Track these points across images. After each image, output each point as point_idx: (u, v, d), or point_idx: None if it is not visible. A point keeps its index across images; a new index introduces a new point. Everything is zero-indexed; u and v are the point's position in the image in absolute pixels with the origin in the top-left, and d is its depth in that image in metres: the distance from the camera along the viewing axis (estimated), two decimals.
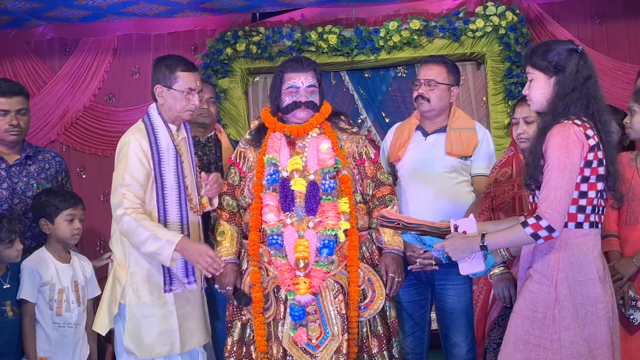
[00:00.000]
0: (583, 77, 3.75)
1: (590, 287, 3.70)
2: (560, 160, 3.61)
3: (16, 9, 7.39)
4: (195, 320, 4.58)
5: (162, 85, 4.53)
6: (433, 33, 7.76)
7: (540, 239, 3.61)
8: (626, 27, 7.91)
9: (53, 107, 7.98)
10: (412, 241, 4.11)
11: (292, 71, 4.62)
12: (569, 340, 3.67)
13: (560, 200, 3.59)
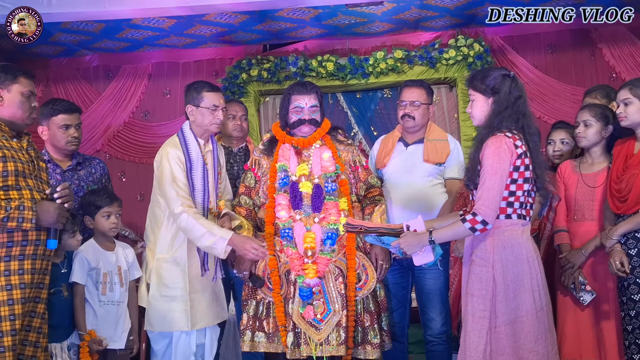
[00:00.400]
0: (514, 97, 3.83)
1: (519, 266, 3.77)
2: (493, 166, 3.69)
3: (68, 41, 7.42)
4: (206, 303, 4.59)
5: (192, 105, 4.59)
6: (413, 61, 7.73)
7: (477, 232, 3.72)
8: (573, 56, 7.87)
9: (98, 122, 7.96)
10: (374, 242, 4.18)
11: (298, 93, 4.66)
12: (502, 311, 3.75)
13: (493, 199, 3.68)
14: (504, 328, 3.73)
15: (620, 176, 4.44)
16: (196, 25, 7.16)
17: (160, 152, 4.59)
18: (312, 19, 7.10)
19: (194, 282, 4.53)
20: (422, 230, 3.95)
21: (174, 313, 4.48)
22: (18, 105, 3.86)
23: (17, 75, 3.87)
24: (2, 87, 3.83)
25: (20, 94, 3.87)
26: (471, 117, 3.99)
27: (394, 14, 7.11)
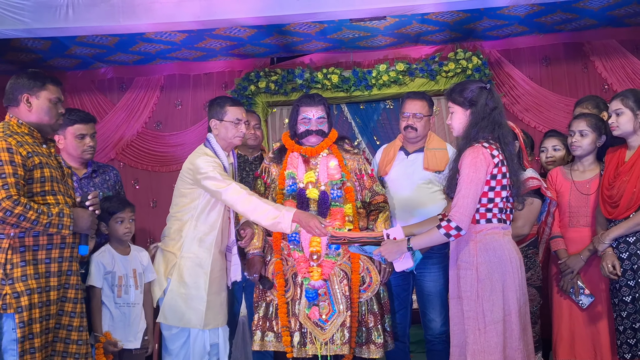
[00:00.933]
0: (490, 108, 3.86)
1: (502, 266, 3.80)
2: (469, 175, 3.73)
3: (83, 54, 7.46)
4: (218, 306, 4.61)
5: (216, 119, 4.60)
6: (414, 73, 7.77)
7: (452, 237, 3.76)
8: (567, 69, 7.90)
9: (113, 132, 8.00)
10: (357, 251, 4.26)
11: (306, 105, 4.71)
12: (489, 310, 3.77)
13: (467, 206, 3.73)
14: (493, 327, 3.75)
15: (612, 182, 4.47)
16: (206, 39, 7.20)
17: (193, 157, 4.55)
18: (318, 33, 7.14)
19: (213, 284, 4.55)
20: (401, 238, 4.01)
21: (190, 311, 4.50)
22: (46, 112, 3.85)
23: (45, 82, 3.86)
24: (31, 94, 3.82)
25: (48, 101, 3.86)
26: (451, 129, 4.03)
27: (396, 28, 7.15)
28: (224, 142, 4.61)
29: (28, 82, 3.84)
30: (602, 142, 4.71)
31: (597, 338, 4.57)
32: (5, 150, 3.64)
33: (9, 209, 3.56)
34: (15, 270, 3.65)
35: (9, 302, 3.61)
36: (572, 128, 4.74)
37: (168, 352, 4.62)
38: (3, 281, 3.62)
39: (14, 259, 3.67)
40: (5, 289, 3.62)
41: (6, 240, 3.67)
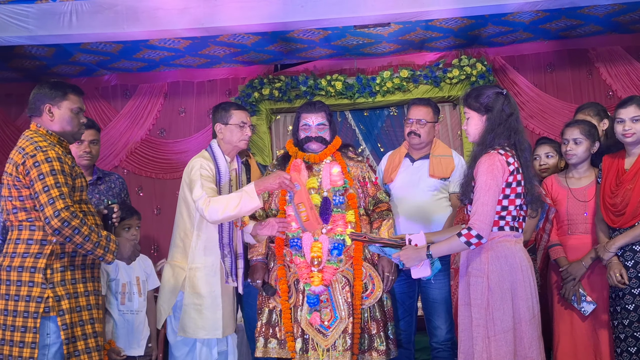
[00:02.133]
0: (507, 114, 3.84)
1: (514, 275, 3.78)
2: (486, 182, 3.71)
3: (87, 61, 7.48)
4: (228, 311, 4.59)
5: (221, 123, 4.61)
6: (418, 80, 7.77)
7: (472, 245, 3.73)
8: (571, 75, 7.90)
9: (117, 139, 8.00)
10: (376, 251, 4.24)
11: (306, 112, 4.73)
12: (499, 318, 3.75)
13: (487, 214, 3.70)
14: (503, 335, 3.74)
15: (615, 191, 4.47)
16: (210, 46, 7.21)
17: (191, 163, 4.56)
18: (322, 39, 7.15)
19: (224, 292, 4.54)
20: (422, 245, 3.98)
21: (208, 321, 4.47)
22: (68, 122, 3.86)
23: (67, 92, 3.86)
24: (53, 104, 3.82)
25: (70, 111, 3.86)
26: (467, 134, 4.01)
27: (400, 34, 7.15)
28: (229, 146, 4.62)
29: (50, 92, 3.86)
30: (596, 149, 4.71)
31: (598, 346, 4.56)
32: (56, 159, 3.68)
33: (67, 220, 3.59)
34: (55, 275, 3.69)
35: (51, 305, 3.64)
36: (565, 136, 4.72)
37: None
38: (44, 285, 3.65)
39: (55, 264, 3.71)
40: (47, 292, 3.64)
41: (48, 246, 3.70)
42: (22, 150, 3.72)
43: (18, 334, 3.63)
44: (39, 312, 3.62)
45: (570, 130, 4.69)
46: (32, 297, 3.64)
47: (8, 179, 3.73)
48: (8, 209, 3.76)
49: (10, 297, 3.66)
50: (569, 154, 4.68)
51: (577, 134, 4.65)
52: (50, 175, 3.63)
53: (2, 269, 3.72)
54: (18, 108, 8.16)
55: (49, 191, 3.60)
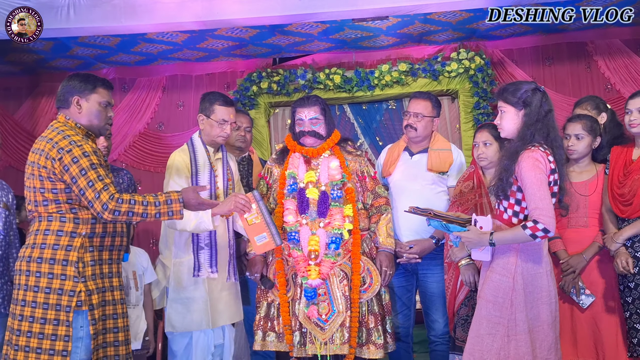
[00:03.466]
0: (545, 111, 3.82)
1: (539, 279, 3.79)
2: (537, 177, 3.68)
3: (85, 54, 7.47)
4: (223, 302, 4.59)
5: (203, 115, 4.62)
6: (417, 74, 7.77)
7: (538, 238, 3.67)
8: (570, 68, 7.91)
9: (115, 133, 7.91)
10: (438, 227, 4.10)
11: (300, 107, 4.73)
12: (521, 319, 3.76)
13: (549, 208, 3.66)
14: (523, 336, 3.77)
15: (623, 181, 4.49)
16: (208, 40, 7.20)
17: (170, 158, 4.63)
18: (320, 33, 7.14)
19: (212, 283, 4.54)
20: (487, 230, 3.89)
21: (194, 313, 4.49)
22: (95, 115, 3.86)
23: (96, 86, 3.87)
24: (81, 97, 3.83)
25: (98, 104, 3.87)
26: (499, 129, 3.98)
27: (398, 28, 7.14)
28: (208, 138, 4.65)
29: (79, 85, 3.86)
30: (597, 144, 4.72)
31: (598, 337, 4.58)
32: (93, 153, 3.71)
33: (117, 209, 3.62)
34: (87, 268, 3.71)
35: (84, 299, 3.66)
36: (567, 131, 4.73)
37: (173, 354, 4.63)
38: (76, 278, 3.66)
39: (86, 258, 3.72)
40: (79, 286, 3.66)
41: (78, 238, 3.71)
42: (56, 144, 3.69)
43: (50, 327, 3.63)
44: (71, 306, 3.63)
45: (572, 126, 4.70)
46: (65, 290, 3.64)
47: (41, 171, 3.71)
48: (37, 200, 3.74)
49: (40, 289, 3.66)
50: (571, 149, 4.68)
51: (579, 129, 4.66)
52: (92, 169, 3.64)
53: (31, 261, 3.71)
54: (16, 102, 8.15)
55: (94, 185, 3.62)
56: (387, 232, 4.68)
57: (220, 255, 4.55)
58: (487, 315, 3.85)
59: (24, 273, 3.70)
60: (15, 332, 3.68)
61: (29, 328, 3.65)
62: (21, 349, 3.65)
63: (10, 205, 4.58)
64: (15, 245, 4.64)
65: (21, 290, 3.70)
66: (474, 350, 3.88)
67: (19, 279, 3.72)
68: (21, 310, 3.68)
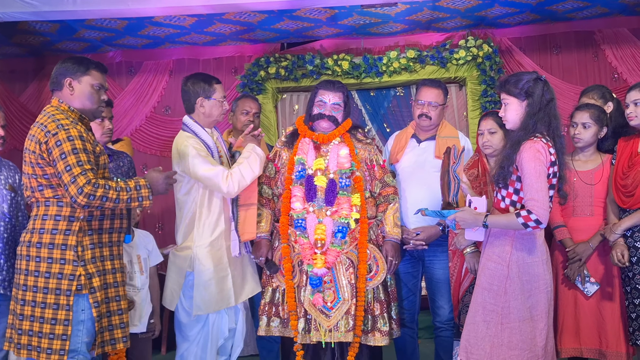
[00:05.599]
0: (546, 100, 3.84)
1: (535, 268, 3.84)
2: (536, 168, 3.71)
3: (92, 37, 7.45)
4: (241, 278, 4.59)
5: (202, 98, 4.56)
6: (425, 61, 7.75)
7: (529, 228, 3.71)
8: (577, 57, 7.90)
9: (121, 117, 7.97)
10: (432, 215, 4.19)
11: (325, 89, 4.69)
12: (516, 307, 3.81)
13: (544, 200, 3.70)
14: (518, 324, 3.80)
15: (626, 172, 4.50)
16: (216, 24, 7.18)
17: (179, 148, 4.53)
18: (329, 19, 7.12)
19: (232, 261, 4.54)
20: (481, 212, 3.97)
21: (222, 292, 4.49)
22: (87, 97, 3.87)
23: (89, 68, 3.87)
24: (74, 78, 3.84)
25: (91, 86, 3.87)
26: (504, 121, 4.00)
27: (407, 14, 7.12)
28: (208, 119, 4.61)
29: (72, 67, 3.87)
30: (604, 134, 4.73)
31: (602, 325, 4.59)
32: (78, 137, 3.69)
33: (92, 193, 3.61)
34: (86, 252, 3.75)
35: (84, 283, 3.69)
36: (574, 120, 4.74)
37: (185, 338, 4.58)
38: (76, 262, 3.69)
39: (85, 241, 3.76)
40: (79, 269, 3.69)
41: (76, 222, 3.74)
42: (45, 127, 3.71)
43: (50, 311, 3.67)
44: (71, 290, 3.66)
45: (580, 114, 4.70)
46: (65, 274, 3.68)
47: (31, 156, 3.74)
48: (33, 186, 3.77)
49: (40, 273, 3.69)
50: (577, 138, 4.68)
51: (587, 118, 4.65)
52: (72, 154, 3.63)
53: (31, 246, 3.74)
54: (22, 84, 8.15)
55: (71, 170, 3.61)
56: (394, 222, 4.67)
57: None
58: (482, 303, 3.90)
59: (24, 258, 3.74)
60: (18, 317, 3.73)
61: (31, 312, 3.69)
62: (24, 332, 3.70)
63: (17, 187, 4.58)
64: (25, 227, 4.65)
65: (22, 275, 3.74)
66: (469, 336, 3.95)
67: (20, 264, 3.76)
68: (23, 294, 3.72)
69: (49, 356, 3.65)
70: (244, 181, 4.44)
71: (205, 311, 4.48)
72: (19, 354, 3.74)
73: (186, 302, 4.52)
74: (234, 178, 4.39)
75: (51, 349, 3.65)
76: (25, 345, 3.70)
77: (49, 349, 3.65)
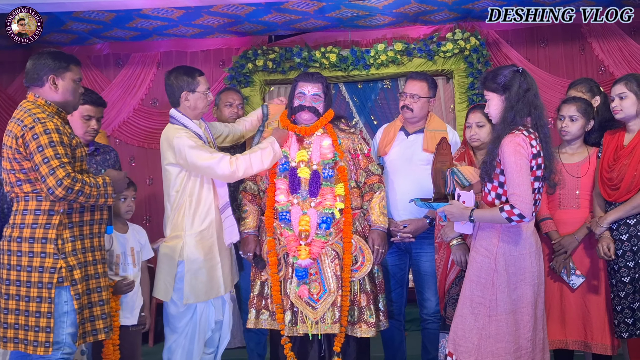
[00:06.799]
0: (524, 90, 3.85)
1: (522, 260, 3.86)
2: (516, 162, 3.73)
3: (79, 29, 7.45)
4: (229, 268, 4.63)
5: (187, 91, 4.57)
6: (412, 53, 7.77)
7: (514, 222, 3.74)
8: (564, 50, 7.93)
9: (109, 109, 7.82)
10: (423, 206, 4.25)
11: (304, 81, 4.70)
12: (503, 300, 3.84)
13: (526, 193, 3.71)
14: (505, 317, 3.83)
15: (612, 165, 4.50)
16: (204, 16, 7.19)
17: (170, 142, 4.52)
18: (317, 11, 7.13)
19: (221, 250, 4.57)
20: (469, 205, 4.00)
21: (212, 281, 4.51)
22: (71, 92, 3.90)
23: (69, 63, 3.89)
24: (57, 75, 3.84)
25: (73, 81, 3.90)
26: (490, 117, 4.03)
27: (394, 7, 7.14)
28: (195, 112, 4.62)
29: (53, 63, 3.87)
30: (591, 127, 4.74)
31: (587, 317, 4.61)
32: (55, 130, 3.70)
33: (70, 187, 3.64)
34: (66, 245, 3.78)
35: (65, 276, 3.71)
36: (561, 113, 4.74)
37: (173, 330, 4.59)
38: (56, 255, 3.72)
39: (65, 234, 3.79)
40: (59, 262, 3.71)
41: (56, 216, 3.76)
42: (21, 122, 3.73)
43: (34, 304, 3.71)
44: (53, 283, 3.69)
45: (567, 107, 4.71)
46: (46, 267, 3.71)
47: (8, 152, 3.76)
48: (12, 182, 3.80)
49: (22, 268, 3.72)
50: (565, 131, 4.70)
51: (574, 111, 4.67)
52: (50, 147, 3.65)
53: (12, 240, 3.77)
54: (9, 76, 8.15)
55: (49, 162, 3.63)
56: (380, 211, 4.68)
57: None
58: (470, 296, 3.93)
59: (6, 253, 3.77)
60: (3, 311, 3.77)
61: (15, 306, 3.73)
62: (10, 326, 3.75)
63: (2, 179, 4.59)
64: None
65: (4, 269, 3.77)
66: (457, 329, 3.97)
67: (2, 259, 3.79)
68: (6, 289, 3.76)
69: (35, 348, 3.70)
70: (251, 169, 4.48)
71: (195, 300, 4.49)
72: (6, 347, 3.78)
73: (176, 294, 4.53)
74: (241, 163, 4.43)
75: (37, 341, 3.69)
76: (11, 338, 3.74)
77: (35, 342, 3.70)
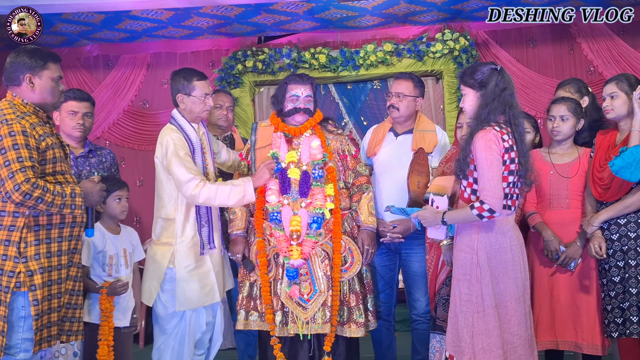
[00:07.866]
0: (500, 89, 3.87)
1: (503, 253, 3.88)
2: (487, 158, 3.76)
3: (69, 31, 7.45)
4: (222, 274, 4.64)
5: (183, 94, 4.56)
6: (402, 54, 7.80)
7: (485, 218, 3.77)
8: (553, 50, 7.97)
9: (98, 110, 7.87)
10: (397, 212, 4.29)
11: (295, 83, 4.69)
12: (488, 294, 3.85)
13: (495, 188, 3.74)
14: (491, 311, 3.84)
15: (604, 165, 4.50)
16: (193, 17, 7.19)
17: (162, 140, 4.54)
18: (306, 12, 7.14)
19: (213, 258, 4.57)
20: (442, 209, 4.03)
21: (205, 288, 4.52)
22: (49, 91, 3.81)
23: (46, 61, 3.80)
24: (33, 74, 3.76)
25: (51, 80, 3.81)
26: (465, 112, 4.06)
27: (384, 8, 7.15)
28: (192, 115, 4.61)
29: (29, 62, 3.79)
30: (581, 126, 4.76)
31: (577, 317, 4.60)
32: (21, 133, 3.63)
33: (28, 192, 3.56)
34: (29, 248, 3.69)
35: (22, 281, 3.65)
36: (552, 113, 4.75)
37: (163, 332, 4.59)
38: (17, 259, 3.66)
39: (29, 238, 3.70)
40: (19, 267, 3.65)
41: (21, 218, 3.69)
42: None
43: None
44: (10, 287, 3.63)
45: (557, 107, 4.73)
46: (5, 271, 3.65)
47: None
48: None
49: None
50: (556, 131, 4.71)
51: (564, 110, 4.69)
52: (13, 150, 3.58)
53: None
54: None
55: (10, 165, 3.57)
56: (368, 211, 4.69)
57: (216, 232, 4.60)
58: (458, 294, 3.96)
59: None
60: None
61: None
62: None
63: None
64: None
65: None
66: (452, 329, 3.99)
67: None
68: None
69: None
70: (213, 201, 4.39)
71: (187, 307, 4.50)
72: None
73: (164, 296, 4.53)
74: (205, 192, 4.34)
75: None
76: None
77: None
